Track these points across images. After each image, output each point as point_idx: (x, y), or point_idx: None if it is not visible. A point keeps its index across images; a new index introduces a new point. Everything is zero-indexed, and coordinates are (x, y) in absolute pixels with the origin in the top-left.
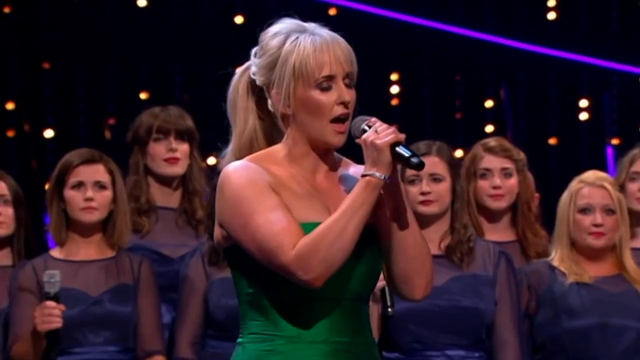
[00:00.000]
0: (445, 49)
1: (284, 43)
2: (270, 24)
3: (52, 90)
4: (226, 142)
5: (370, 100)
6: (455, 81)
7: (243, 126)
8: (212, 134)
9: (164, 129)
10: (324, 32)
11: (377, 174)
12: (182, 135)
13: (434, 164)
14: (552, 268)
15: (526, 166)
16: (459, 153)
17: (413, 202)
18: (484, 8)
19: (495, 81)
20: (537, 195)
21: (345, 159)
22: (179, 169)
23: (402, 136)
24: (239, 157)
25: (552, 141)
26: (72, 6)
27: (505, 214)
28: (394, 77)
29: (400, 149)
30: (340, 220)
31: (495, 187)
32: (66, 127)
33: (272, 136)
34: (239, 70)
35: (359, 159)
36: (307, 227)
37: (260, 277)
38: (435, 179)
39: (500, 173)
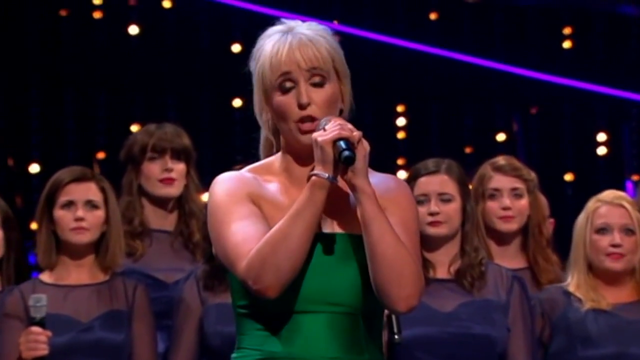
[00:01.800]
0: (454, 78)
1: (261, 46)
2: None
3: (38, 121)
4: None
5: (374, 133)
6: (465, 113)
7: (262, 138)
8: (207, 170)
9: (160, 147)
10: (300, 31)
11: (321, 174)
12: (178, 155)
13: (442, 182)
14: (568, 294)
15: (537, 187)
16: None
17: (421, 224)
18: (494, 35)
19: (507, 113)
20: (551, 220)
21: None
22: (174, 190)
23: (348, 133)
24: None
25: (568, 177)
26: (60, 31)
27: (515, 238)
28: (399, 108)
29: (339, 144)
30: (283, 226)
31: (504, 208)
32: (53, 161)
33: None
34: None
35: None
36: None
37: (246, 290)
38: (444, 198)
39: (509, 193)
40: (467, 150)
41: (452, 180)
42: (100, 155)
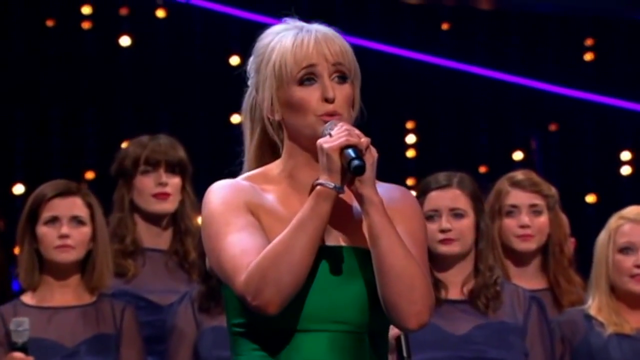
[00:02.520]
0: (468, 93)
1: (271, 41)
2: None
3: (22, 139)
4: None
5: (382, 151)
6: (479, 130)
7: (249, 144)
8: (204, 186)
9: (153, 160)
10: (316, 28)
11: (327, 183)
12: (173, 168)
13: (454, 197)
14: (589, 317)
15: (558, 203)
16: None
17: (432, 241)
18: (510, 46)
19: (524, 130)
20: (572, 240)
21: None
22: (169, 206)
23: (356, 140)
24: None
25: (590, 199)
26: (46, 43)
27: (534, 257)
28: (409, 125)
29: (347, 152)
30: (285, 238)
31: (523, 226)
32: (38, 182)
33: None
34: None
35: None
36: None
37: (243, 306)
38: (456, 214)
39: (528, 210)
40: (482, 169)
41: (465, 194)
42: (89, 175)
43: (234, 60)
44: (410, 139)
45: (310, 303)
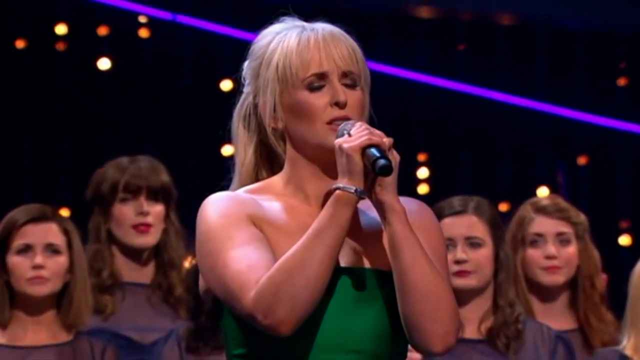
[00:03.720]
0: (487, 121)
1: (270, 42)
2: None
3: None
4: None
5: None
6: (500, 162)
7: (243, 157)
8: (191, 216)
9: (133, 186)
10: (321, 27)
11: (347, 187)
12: (155, 194)
13: (471, 224)
14: (624, 358)
15: (588, 231)
16: None
17: None
18: (535, 68)
19: (550, 162)
20: (604, 276)
21: None
22: (151, 239)
23: (378, 139)
24: None
25: (624, 240)
26: (16, 66)
27: (562, 293)
28: (421, 157)
29: (371, 152)
30: (301, 249)
31: (549, 257)
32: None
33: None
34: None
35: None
36: None
37: (245, 333)
38: (472, 243)
39: (555, 239)
40: (503, 207)
41: (482, 221)
42: (64, 212)
43: (226, 85)
44: (422, 173)
45: (322, 330)
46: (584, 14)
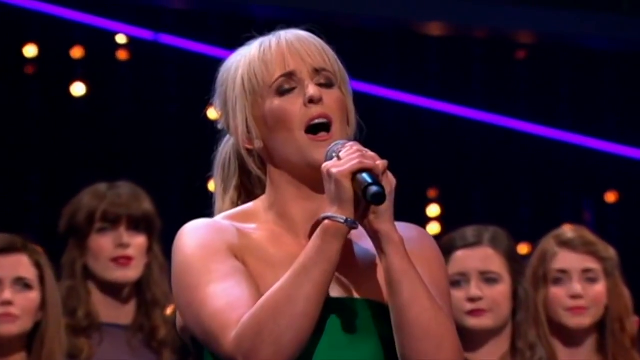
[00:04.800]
0: (504, 152)
1: (233, 62)
2: None
3: None
4: None
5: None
6: (519, 199)
7: (221, 204)
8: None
9: (112, 215)
10: (285, 32)
11: (336, 217)
12: (136, 224)
13: (486, 257)
14: None
15: (618, 268)
16: None
17: (458, 312)
18: (557, 96)
19: (575, 199)
20: (635, 319)
21: None
22: (132, 273)
23: (370, 162)
24: None
25: None
26: None
27: (589, 336)
28: (431, 193)
29: (362, 177)
30: (286, 285)
31: (574, 297)
32: None
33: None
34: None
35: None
36: None
37: None
38: (488, 278)
39: (581, 276)
40: (522, 249)
41: (499, 254)
42: None
43: (213, 112)
44: (433, 210)
45: None
46: (612, 31)
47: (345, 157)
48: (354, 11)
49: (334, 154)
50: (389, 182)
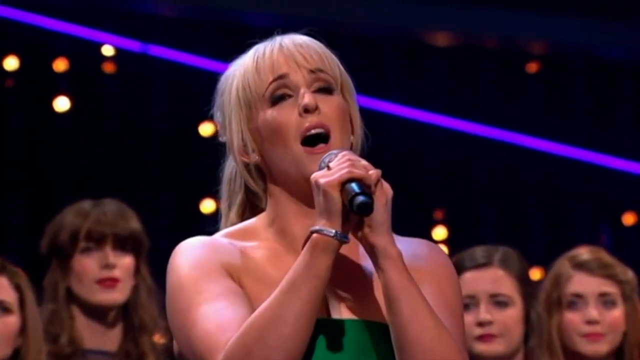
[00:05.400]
0: (515, 172)
1: (230, 73)
2: None
3: None
4: None
5: None
6: (531, 221)
7: (240, 197)
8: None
9: (97, 234)
10: (281, 36)
11: (325, 230)
12: (123, 244)
13: (496, 279)
14: None
15: (636, 292)
16: None
17: (467, 337)
18: (571, 110)
19: (591, 221)
20: None
21: None
22: (118, 296)
23: (361, 172)
24: None
25: None
26: None
27: None
28: (438, 214)
29: (350, 187)
30: (273, 304)
31: (590, 322)
32: None
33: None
34: None
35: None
36: None
37: None
38: (498, 302)
39: (597, 301)
40: (535, 274)
41: (510, 276)
42: None
43: (205, 129)
44: (439, 233)
45: None
46: (631, 41)
47: (335, 166)
48: (353, 19)
49: (324, 164)
50: (384, 192)
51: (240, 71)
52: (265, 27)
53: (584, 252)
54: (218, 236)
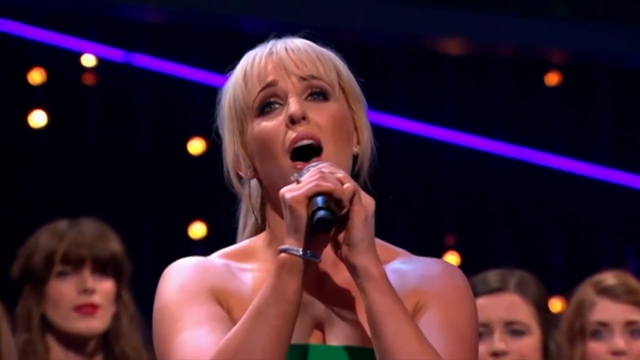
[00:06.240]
0: (533, 192)
1: (230, 78)
2: None
3: None
4: None
5: None
6: (552, 245)
7: (242, 227)
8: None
9: (75, 256)
10: (274, 41)
11: (292, 249)
12: (102, 267)
13: (511, 306)
14: None
15: None
16: None
17: None
18: (593, 126)
19: (615, 244)
20: None
21: (389, 248)
22: (97, 324)
23: (329, 185)
24: None
25: None
26: None
27: None
28: (449, 240)
29: (314, 201)
30: (239, 332)
31: (616, 353)
32: None
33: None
34: None
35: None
36: None
37: None
38: (514, 330)
39: (624, 330)
40: (556, 304)
41: (527, 302)
42: None
43: (194, 146)
44: (450, 260)
45: None
46: None
47: (304, 180)
48: (357, 25)
49: (294, 177)
50: (363, 207)
51: (232, 82)
52: (260, 34)
53: (609, 277)
54: (215, 256)
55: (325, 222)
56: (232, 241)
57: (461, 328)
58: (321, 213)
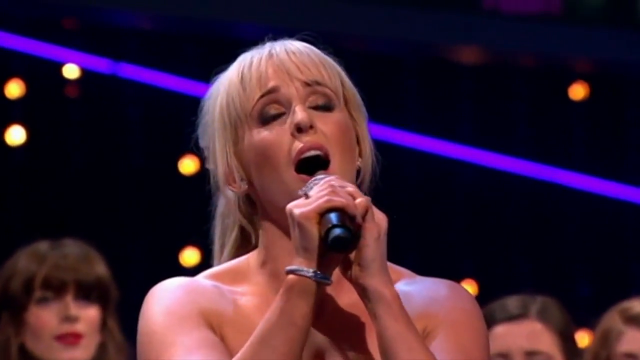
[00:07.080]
0: (557, 215)
1: (215, 89)
2: None
3: None
4: None
5: None
6: (578, 274)
7: (235, 234)
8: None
9: (56, 281)
10: (271, 44)
11: (302, 270)
12: (87, 292)
13: (533, 334)
14: None
15: None
16: None
17: None
18: (626, 143)
19: None
20: None
21: (392, 268)
22: (81, 354)
23: (342, 200)
24: None
25: None
26: None
27: None
28: (464, 266)
29: (328, 218)
30: (244, 357)
31: None
32: None
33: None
34: None
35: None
36: None
37: None
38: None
39: None
40: (582, 338)
41: (549, 330)
42: None
43: (187, 165)
44: (466, 288)
45: None
46: None
47: (314, 194)
48: (365, 32)
49: (302, 191)
50: (376, 224)
51: (224, 86)
52: (257, 41)
53: (637, 305)
54: (201, 277)
55: (342, 241)
56: None
57: (470, 352)
58: (337, 231)
